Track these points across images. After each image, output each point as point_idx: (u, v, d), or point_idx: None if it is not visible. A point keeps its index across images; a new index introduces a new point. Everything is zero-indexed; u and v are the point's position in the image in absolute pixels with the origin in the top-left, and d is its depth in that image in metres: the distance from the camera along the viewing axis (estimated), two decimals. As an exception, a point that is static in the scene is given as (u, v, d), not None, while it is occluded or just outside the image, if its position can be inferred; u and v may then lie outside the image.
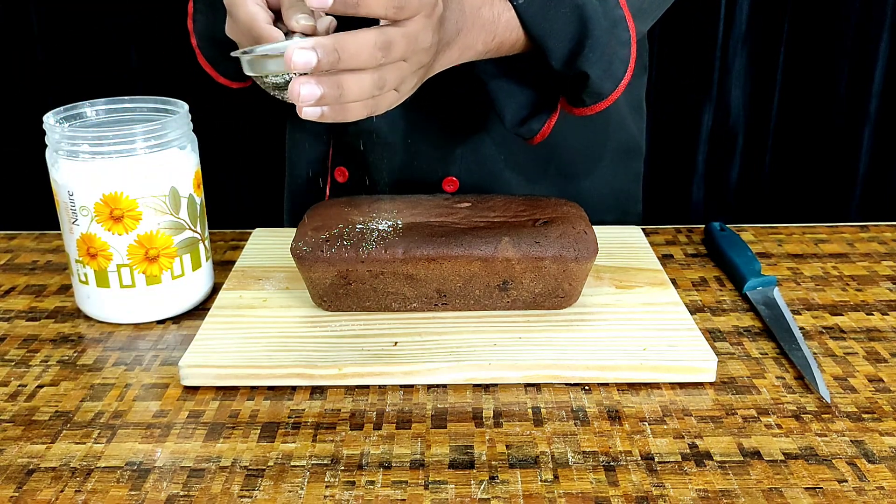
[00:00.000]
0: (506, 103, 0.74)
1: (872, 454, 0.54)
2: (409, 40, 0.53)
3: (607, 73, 0.70)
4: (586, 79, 0.69)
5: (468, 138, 0.84)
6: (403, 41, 0.53)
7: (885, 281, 0.76)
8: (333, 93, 0.51)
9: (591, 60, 0.68)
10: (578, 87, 0.71)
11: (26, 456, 0.54)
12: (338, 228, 0.67)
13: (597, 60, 0.68)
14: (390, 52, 0.52)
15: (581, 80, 0.70)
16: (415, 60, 0.55)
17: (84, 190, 0.65)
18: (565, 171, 0.88)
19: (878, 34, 1.43)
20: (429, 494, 0.50)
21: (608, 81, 0.70)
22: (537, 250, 0.65)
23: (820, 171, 1.53)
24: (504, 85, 0.74)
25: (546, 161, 0.87)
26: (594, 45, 0.68)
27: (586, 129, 0.87)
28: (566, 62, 0.69)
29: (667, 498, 0.50)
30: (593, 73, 0.69)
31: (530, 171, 0.87)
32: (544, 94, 0.74)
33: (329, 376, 0.61)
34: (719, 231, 0.82)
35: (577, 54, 0.68)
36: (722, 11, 1.44)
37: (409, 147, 0.84)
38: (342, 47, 0.50)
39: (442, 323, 0.66)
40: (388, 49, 0.52)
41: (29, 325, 0.70)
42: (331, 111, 0.53)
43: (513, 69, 0.73)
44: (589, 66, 0.68)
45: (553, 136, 0.79)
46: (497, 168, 0.85)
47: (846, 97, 1.48)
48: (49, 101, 1.41)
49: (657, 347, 0.62)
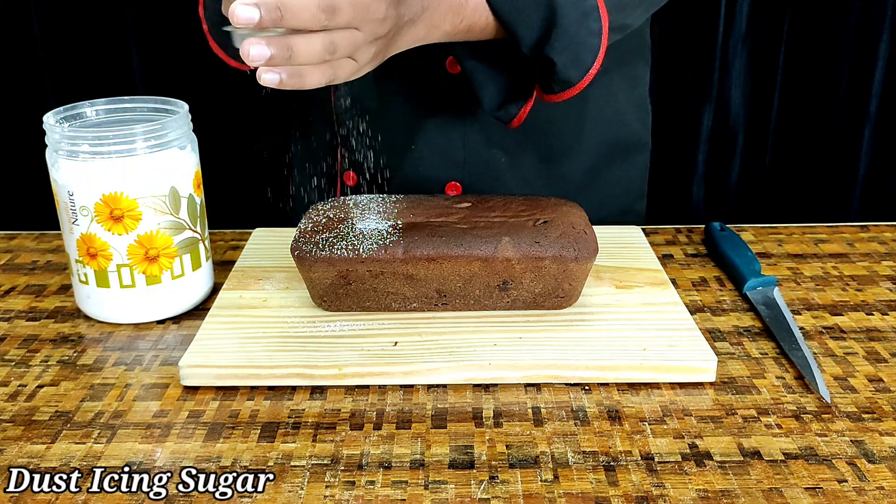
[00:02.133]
0: (483, 87, 0.75)
1: (872, 454, 0.54)
2: (357, 9, 0.55)
3: (575, 61, 0.70)
4: (553, 66, 0.70)
5: (472, 141, 0.84)
6: (349, 8, 0.55)
7: (885, 281, 0.76)
8: (283, 53, 0.53)
9: (557, 48, 0.69)
10: (547, 74, 0.72)
11: (26, 456, 0.54)
12: (338, 228, 0.67)
13: (563, 48, 0.69)
14: (334, 17, 0.54)
15: (548, 67, 0.71)
16: (368, 30, 0.57)
17: (84, 190, 0.65)
18: (566, 167, 0.88)
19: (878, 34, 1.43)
20: (429, 494, 0.50)
21: (575, 69, 0.71)
22: (537, 250, 0.65)
23: (820, 171, 1.53)
24: (481, 68, 0.75)
25: (546, 158, 0.87)
26: (561, 34, 0.69)
27: (584, 124, 0.87)
28: (534, 48, 0.70)
29: (667, 498, 0.50)
30: (559, 60, 0.70)
31: (531, 170, 0.87)
32: (519, 80, 0.76)
33: (329, 376, 0.61)
34: (719, 231, 0.82)
35: (544, 41, 0.69)
36: (722, 11, 1.44)
37: (412, 152, 0.84)
38: (284, 5, 0.52)
39: (442, 323, 0.66)
40: (333, 13, 0.54)
41: (29, 325, 0.70)
42: (288, 77, 0.54)
43: (487, 54, 0.74)
44: (556, 54, 0.69)
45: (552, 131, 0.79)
46: (500, 170, 0.86)
47: (846, 97, 1.48)
48: (49, 101, 1.41)
49: (657, 347, 0.62)
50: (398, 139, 0.83)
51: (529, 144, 0.86)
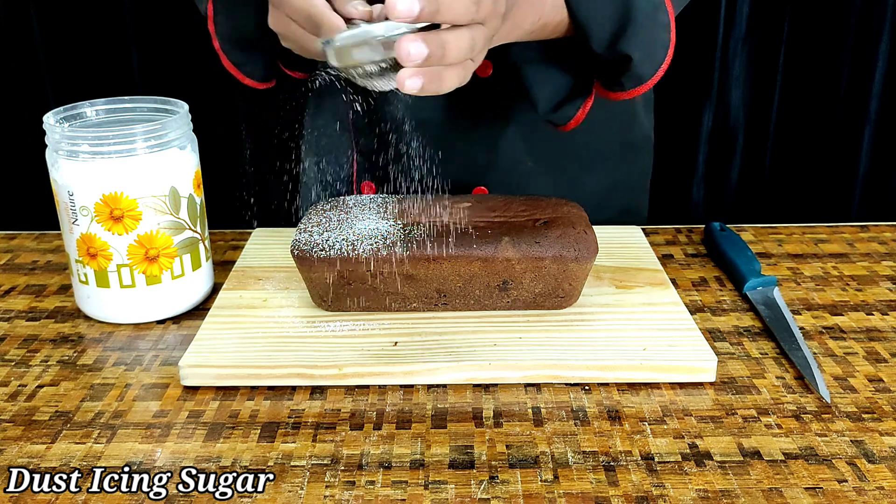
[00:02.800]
0: (541, 88, 0.74)
1: (872, 454, 0.54)
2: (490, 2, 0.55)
3: (649, 56, 0.70)
4: (629, 62, 0.69)
5: (499, 147, 0.83)
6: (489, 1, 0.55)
7: (885, 281, 0.76)
8: (438, 52, 0.52)
9: (634, 43, 0.68)
10: (619, 71, 0.71)
11: (26, 456, 0.54)
12: (338, 228, 0.67)
13: (639, 43, 0.69)
14: (480, 7, 0.54)
15: (623, 63, 0.70)
16: (491, 25, 0.57)
17: (84, 190, 0.65)
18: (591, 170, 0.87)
19: (879, 34, 1.43)
20: (429, 494, 0.50)
21: (649, 65, 0.70)
22: (537, 250, 0.65)
23: (820, 171, 1.53)
24: (541, 70, 0.74)
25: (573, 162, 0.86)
26: (637, 28, 0.68)
27: (610, 122, 0.86)
28: (608, 45, 0.69)
29: (667, 498, 0.50)
30: (636, 55, 0.69)
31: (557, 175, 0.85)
32: (580, 79, 0.75)
33: (329, 376, 0.61)
34: (719, 231, 0.82)
35: (619, 37, 0.68)
36: (722, 11, 1.44)
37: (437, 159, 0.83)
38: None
39: (442, 323, 0.66)
40: (479, 5, 0.53)
41: (29, 325, 0.70)
42: (429, 82, 0.53)
43: (551, 53, 0.73)
44: (632, 49, 0.69)
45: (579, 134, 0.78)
46: (526, 176, 0.84)
47: (846, 97, 1.48)
48: (49, 101, 1.41)
49: (657, 347, 0.62)
50: (424, 146, 0.82)
51: (555, 148, 0.85)
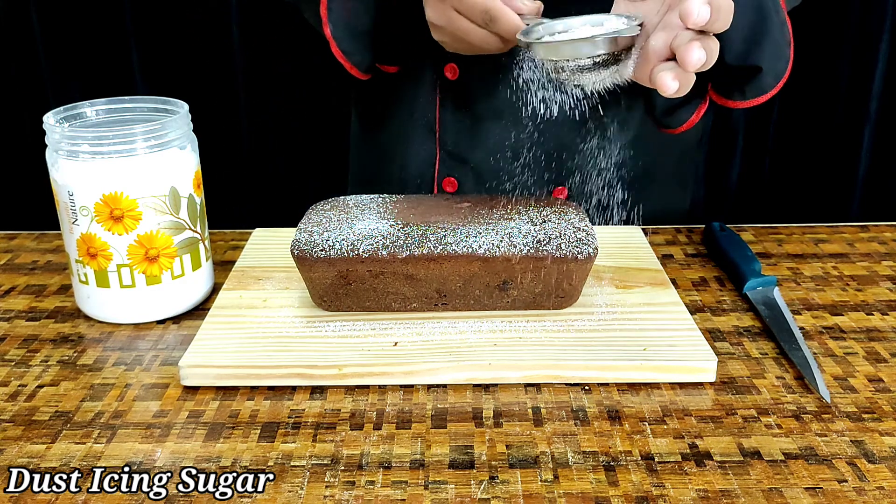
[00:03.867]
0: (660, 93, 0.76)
1: (872, 454, 0.54)
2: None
3: (774, 68, 0.72)
4: (758, 72, 0.71)
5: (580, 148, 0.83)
6: None
7: (885, 281, 0.76)
8: (710, 59, 0.55)
9: (764, 56, 0.70)
10: (745, 80, 0.72)
11: (26, 456, 0.54)
12: (338, 228, 0.67)
13: (769, 56, 0.70)
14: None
15: (751, 74, 0.72)
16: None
17: (84, 190, 0.65)
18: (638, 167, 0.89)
19: (879, 34, 1.43)
20: (429, 494, 0.50)
21: (773, 77, 0.72)
22: (537, 250, 0.65)
23: (820, 171, 1.53)
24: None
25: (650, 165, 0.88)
26: (769, 42, 0.70)
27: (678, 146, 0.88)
28: (741, 55, 0.70)
29: (667, 498, 0.50)
30: (765, 66, 0.71)
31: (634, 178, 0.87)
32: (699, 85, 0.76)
33: (329, 376, 0.61)
34: (719, 231, 0.82)
35: (752, 48, 0.70)
36: (722, 11, 1.44)
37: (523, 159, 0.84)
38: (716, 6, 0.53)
39: (442, 323, 0.66)
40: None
41: (29, 325, 0.70)
42: (682, 86, 0.56)
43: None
44: (762, 61, 0.70)
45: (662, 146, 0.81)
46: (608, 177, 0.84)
47: (846, 97, 1.48)
48: (49, 101, 1.41)
49: (657, 347, 0.62)
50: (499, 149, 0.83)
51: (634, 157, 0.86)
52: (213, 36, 1.39)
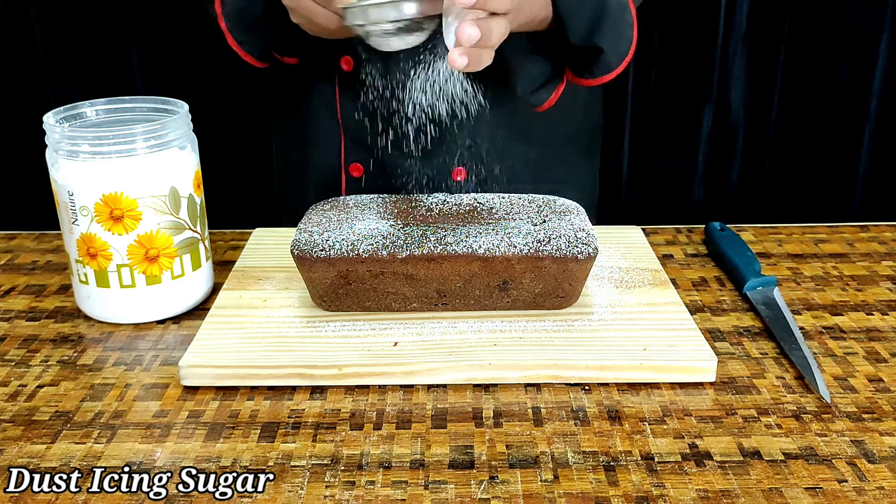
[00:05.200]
0: (521, 73, 0.82)
1: (872, 454, 0.54)
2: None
3: (616, 49, 0.79)
4: (600, 53, 0.78)
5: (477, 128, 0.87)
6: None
7: (885, 281, 0.76)
8: (486, 35, 0.60)
9: (605, 37, 0.77)
10: (591, 61, 0.80)
11: (26, 456, 0.54)
12: (338, 228, 0.67)
13: (609, 37, 0.77)
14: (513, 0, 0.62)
15: (594, 54, 0.79)
16: (511, 17, 0.64)
17: (84, 190, 0.65)
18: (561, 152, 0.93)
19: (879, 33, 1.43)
20: (429, 494, 0.50)
21: (616, 56, 0.79)
22: (537, 250, 0.65)
23: (820, 171, 1.53)
24: (521, 57, 0.82)
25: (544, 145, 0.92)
26: (608, 24, 0.76)
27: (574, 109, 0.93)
28: (584, 37, 0.76)
29: (667, 498, 0.50)
30: (606, 47, 0.78)
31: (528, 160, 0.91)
32: (556, 66, 0.83)
33: (329, 376, 0.61)
34: (719, 231, 0.82)
35: (594, 31, 0.76)
36: (722, 11, 1.44)
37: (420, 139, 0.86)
38: None
39: (442, 323, 0.66)
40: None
41: (29, 325, 0.70)
42: (472, 62, 0.61)
43: (534, 43, 0.81)
44: (603, 42, 0.77)
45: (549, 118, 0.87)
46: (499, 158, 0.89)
47: (846, 96, 1.48)
48: (49, 101, 1.41)
49: (657, 347, 0.62)
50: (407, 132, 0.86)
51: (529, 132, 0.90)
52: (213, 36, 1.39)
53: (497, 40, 0.62)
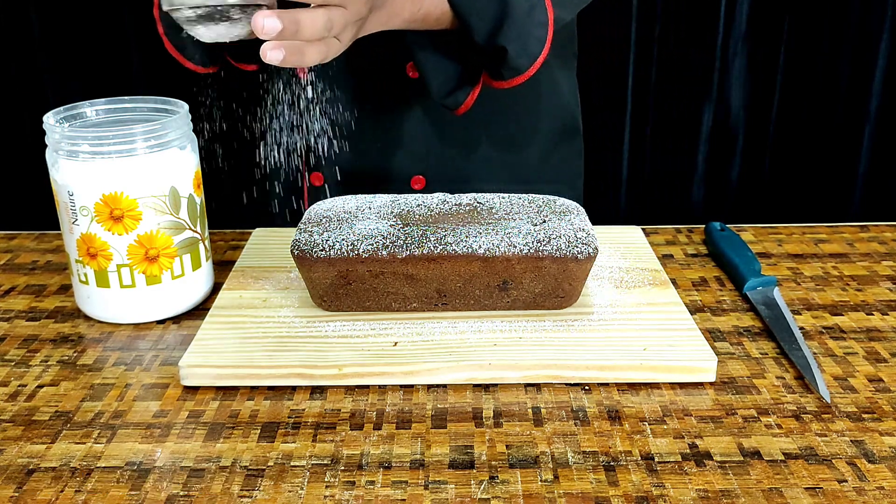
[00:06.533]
0: (433, 75, 0.79)
1: (872, 454, 0.54)
2: None
3: (525, 50, 0.75)
4: (504, 54, 0.75)
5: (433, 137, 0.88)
6: None
7: (885, 281, 0.76)
8: (292, 28, 0.57)
9: (509, 38, 0.74)
10: (498, 62, 0.76)
11: (26, 456, 0.54)
12: (338, 228, 0.67)
13: (514, 38, 0.74)
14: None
15: (500, 55, 0.75)
16: (353, 10, 0.61)
17: (84, 190, 0.65)
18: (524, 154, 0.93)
19: (879, 33, 1.43)
20: (429, 494, 0.50)
21: (525, 58, 0.76)
22: (537, 250, 0.65)
23: (820, 171, 1.53)
24: (432, 57, 0.78)
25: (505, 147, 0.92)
26: (512, 24, 0.73)
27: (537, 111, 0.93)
28: (487, 38, 0.74)
29: (667, 498, 0.50)
30: (511, 48, 0.74)
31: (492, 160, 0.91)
32: (468, 68, 0.80)
33: (329, 376, 0.61)
34: (719, 231, 0.82)
35: (497, 31, 0.73)
36: (722, 11, 1.44)
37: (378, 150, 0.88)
38: None
39: (442, 323, 0.66)
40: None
41: (29, 325, 0.70)
42: (289, 54, 0.58)
43: (440, 43, 0.78)
44: (508, 43, 0.74)
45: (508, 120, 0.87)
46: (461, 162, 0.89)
47: (846, 97, 1.48)
48: (49, 101, 1.41)
49: (657, 347, 0.62)
50: (365, 138, 0.87)
51: (485, 135, 0.90)
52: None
53: (313, 34, 0.58)
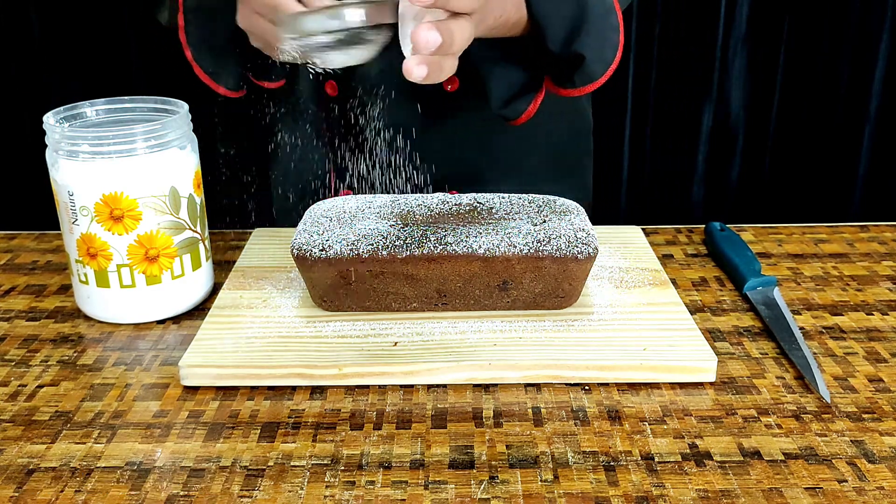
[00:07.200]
0: (496, 84, 0.77)
1: (872, 454, 0.54)
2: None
3: (600, 56, 0.73)
4: (582, 60, 0.72)
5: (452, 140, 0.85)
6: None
7: (885, 281, 0.76)
8: (447, 40, 0.54)
9: (586, 43, 0.71)
10: (572, 69, 0.73)
11: (26, 456, 0.54)
12: (338, 228, 0.67)
13: (592, 43, 0.71)
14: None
15: (576, 62, 0.72)
16: (477, 17, 0.60)
17: (84, 190, 0.65)
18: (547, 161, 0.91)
19: (879, 34, 1.43)
20: (429, 494, 0.50)
21: (600, 64, 0.73)
22: (537, 250, 0.65)
23: (820, 171, 1.53)
24: (497, 66, 0.76)
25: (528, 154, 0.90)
26: (590, 29, 0.71)
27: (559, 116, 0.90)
28: (563, 44, 0.71)
29: (667, 498, 0.50)
30: (589, 55, 0.72)
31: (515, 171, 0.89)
32: (533, 75, 0.77)
33: (329, 376, 0.61)
34: (719, 231, 0.82)
35: (574, 37, 0.71)
36: (722, 11, 1.44)
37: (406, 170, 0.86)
38: None
39: (442, 323, 0.66)
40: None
41: (29, 325, 0.70)
42: (431, 71, 0.55)
43: (507, 50, 0.75)
44: (585, 49, 0.71)
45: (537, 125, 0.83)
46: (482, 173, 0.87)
47: (846, 97, 1.48)
48: (49, 101, 1.41)
49: (657, 347, 0.62)
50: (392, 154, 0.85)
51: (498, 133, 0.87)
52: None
53: (460, 46, 0.56)
